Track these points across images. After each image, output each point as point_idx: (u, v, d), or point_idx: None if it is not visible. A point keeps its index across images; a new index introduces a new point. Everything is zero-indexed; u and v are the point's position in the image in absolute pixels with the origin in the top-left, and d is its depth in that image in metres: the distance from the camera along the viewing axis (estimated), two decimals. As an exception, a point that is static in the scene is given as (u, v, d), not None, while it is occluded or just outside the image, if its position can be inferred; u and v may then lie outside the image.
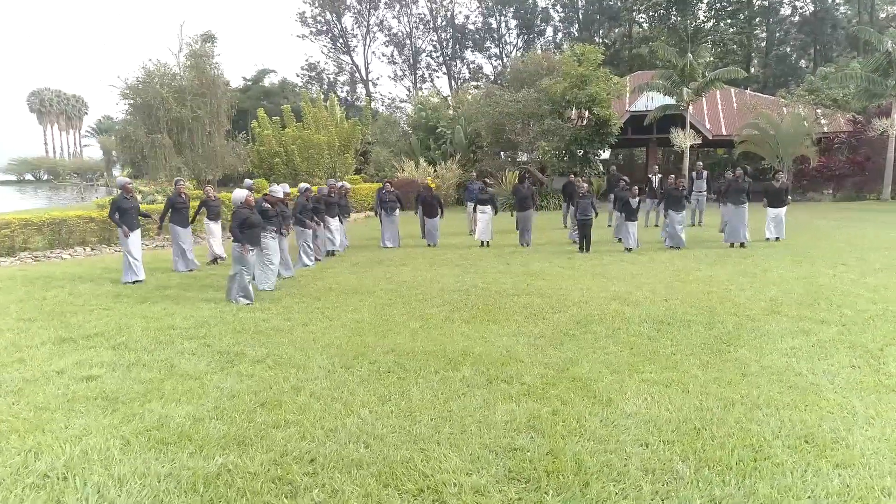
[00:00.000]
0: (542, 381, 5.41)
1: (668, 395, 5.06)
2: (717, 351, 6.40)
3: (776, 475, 3.67)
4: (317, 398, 5.00)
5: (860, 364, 5.92)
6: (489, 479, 3.63)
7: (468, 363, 5.94)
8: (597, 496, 3.46)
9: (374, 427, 4.39)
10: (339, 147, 28.20)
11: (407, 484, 3.56)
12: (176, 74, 21.71)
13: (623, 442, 4.15)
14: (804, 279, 10.15)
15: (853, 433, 4.28)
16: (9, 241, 15.07)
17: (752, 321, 7.59)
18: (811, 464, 3.80)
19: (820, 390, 5.20)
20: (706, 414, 4.64)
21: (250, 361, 6.04)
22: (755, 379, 5.50)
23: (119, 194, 10.82)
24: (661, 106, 29.16)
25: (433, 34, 51.71)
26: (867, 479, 3.62)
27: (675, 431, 4.32)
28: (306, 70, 51.17)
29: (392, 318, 8.01)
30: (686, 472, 3.70)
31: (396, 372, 5.69)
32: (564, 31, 52.08)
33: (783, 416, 4.59)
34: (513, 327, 7.47)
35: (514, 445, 4.09)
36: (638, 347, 6.52)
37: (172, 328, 7.40)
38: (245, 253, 9.00)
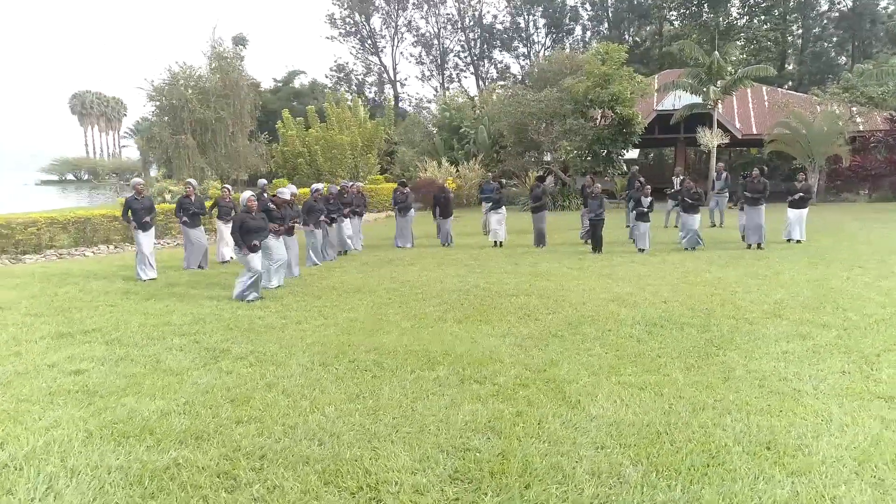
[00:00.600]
0: (516, 382, 5.38)
1: (640, 398, 4.98)
2: (705, 354, 6.28)
3: (725, 481, 3.59)
4: (287, 395, 5.06)
5: (851, 370, 5.75)
6: (432, 479, 3.63)
7: (447, 363, 5.94)
8: (535, 498, 3.43)
9: (334, 425, 4.43)
10: (361, 147, 28.40)
11: (348, 481, 3.59)
12: (201, 76, 22.12)
13: (579, 444, 4.10)
14: (815, 282, 9.89)
15: (820, 440, 4.16)
16: (35, 238, 15.55)
17: (749, 324, 7.43)
18: (765, 471, 3.71)
19: (800, 396, 5.07)
20: (672, 418, 4.56)
21: (233, 358, 6.14)
22: (736, 383, 5.38)
23: (131, 195, 11.10)
24: (688, 105, 28.64)
25: (461, 34, 51.70)
26: (819, 488, 3.51)
27: (635, 435, 4.25)
28: (335, 71, 51.69)
29: (386, 317, 8.05)
30: (633, 477, 3.64)
31: (373, 370, 5.72)
32: (593, 30, 51.55)
33: (752, 421, 4.49)
34: (503, 328, 7.44)
35: (467, 446, 4.08)
36: (624, 349, 6.44)
37: (168, 325, 7.56)
38: (245, 255, 9.14)
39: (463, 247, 15.54)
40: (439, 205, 16.29)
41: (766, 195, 14.21)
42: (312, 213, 12.77)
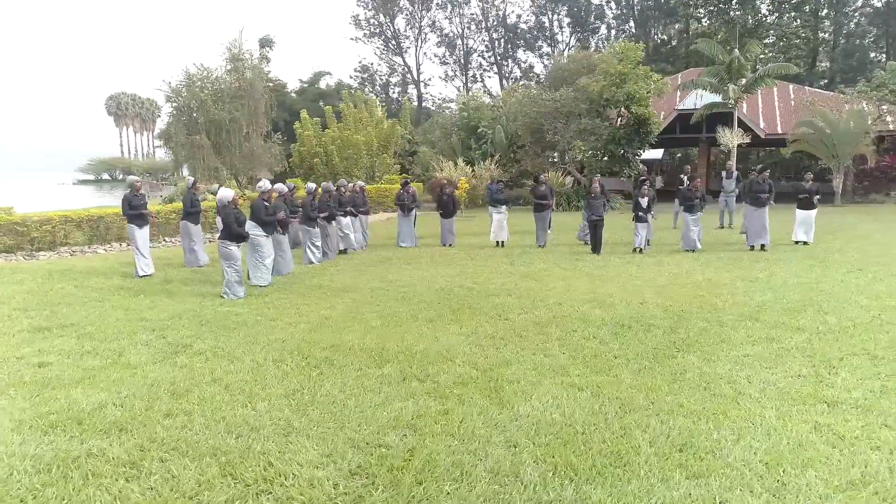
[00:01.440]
0: (457, 380, 5.41)
1: (576, 399, 4.97)
2: (663, 356, 6.21)
3: (621, 482, 3.57)
4: (228, 390, 5.17)
5: (807, 374, 5.64)
6: (332, 473, 3.69)
7: (397, 361, 5.99)
8: (423, 494, 3.46)
9: (260, 419, 4.52)
10: (377, 147, 28.59)
11: (247, 473, 3.67)
12: (218, 77, 22.51)
13: (491, 443, 4.12)
14: (806, 284, 9.68)
15: (739, 444, 4.10)
16: (50, 236, 16.02)
17: (720, 326, 7.32)
18: (666, 472, 3.68)
19: (742, 399, 5.00)
20: (598, 419, 4.54)
21: (192, 353, 6.28)
22: (682, 385, 5.33)
23: (129, 192, 11.39)
24: (708, 104, 28.19)
25: (485, 34, 51.65)
26: (714, 491, 3.47)
27: (553, 434, 4.25)
28: (359, 72, 52.10)
29: (359, 315, 8.13)
30: (530, 476, 3.64)
31: (321, 367, 5.80)
32: (618, 29, 51.00)
33: (676, 423, 4.44)
34: (471, 327, 7.46)
35: (381, 442, 4.13)
36: (581, 350, 6.41)
37: (144, 320, 7.76)
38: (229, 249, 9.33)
39: (465, 247, 15.56)
40: (441, 203, 16.34)
41: (771, 196, 13.93)
42: (310, 212, 12.93)
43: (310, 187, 13.09)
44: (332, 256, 13.61)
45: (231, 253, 9.34)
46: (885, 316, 7.66)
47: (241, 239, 9.49)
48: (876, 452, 4.03)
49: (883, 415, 4.65)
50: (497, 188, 17.93)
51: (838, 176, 27.50)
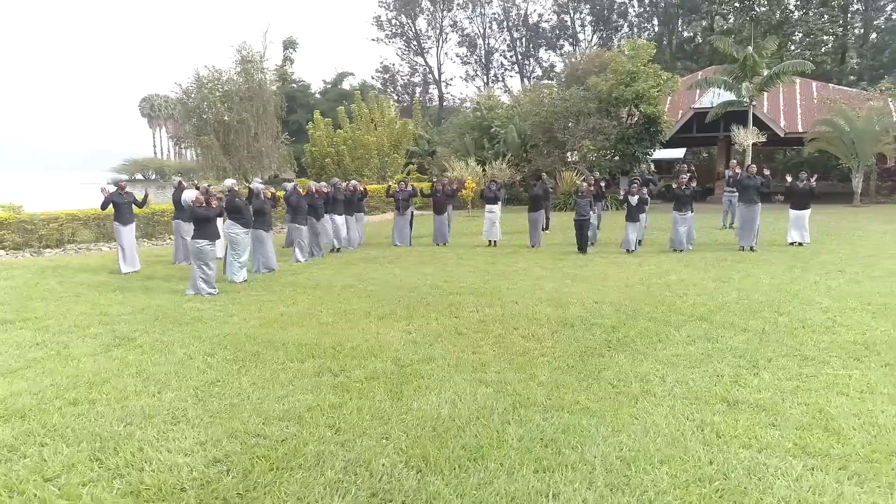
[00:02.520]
0: (370, 375, 5.53)
1: (475, 394, 5.04)
2: (590, 355, 6.23)
3: (466, 474, 3.65)
4: (145, 381, 5.38)
5: (728, 374, 5.61)
6: (195, 460, 3.84)
7: (323, 356, 6.14)
8: (271, 480, 3.59)
9: (158, 409, 4.71)
10: (387, 147, 28.83)
11: (114, 458, 3.84)
12: (229, 79, 22.99)
13: (366, 435, 4.23)
14: (777, 285, 9.55)
15: (608, 440, 4.14)
16: (57, 234, 16.60)
17: (666, 326, 7.30)
18: (516, 466, 3.74)
19: (645, 397, 5.01)
20: (483, 413, 4.62)
21: (132, 346, 6.53)
22: (590, 384, 5.35)
23: (115, 191, 11.77)
24: (723, 102, 27.73)
25: (506, 33, 51.56)
26: (553, 484, 3.53)
27: (430, 428, 4.34)
28: (381, 72, 52.51)
29: (315, 312, 8.30)
30: (380, 467, 3.75)
31: (246, 361, 5.98)
32: (641, 27, 50.37)
33: (560, 419, 4.49)
34: (418, 324, 7.57)
35: (260, 432, 4.27)
36: (511, 348, 6.47)
37: (105, 315, 8.06)
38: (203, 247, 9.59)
39: (457, 246, 15.64)
40: (435, 201, 16.43)
41: (760, 193, 13.68)
42: (297, 210, 13.18)
43: (291, 186, 13.32)
44: (318, 255, 13.80)
45: (202, 251, 9.59)
46: (840, 318, 7.54)
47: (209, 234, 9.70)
48: (745, 451, 4.03)
49: (777, 415, 4.62)
50: (496, 188, 18.02)
51: (858, 175, 26.78)
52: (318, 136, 28.09)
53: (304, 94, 52.64)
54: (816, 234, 15.69)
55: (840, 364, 5.86)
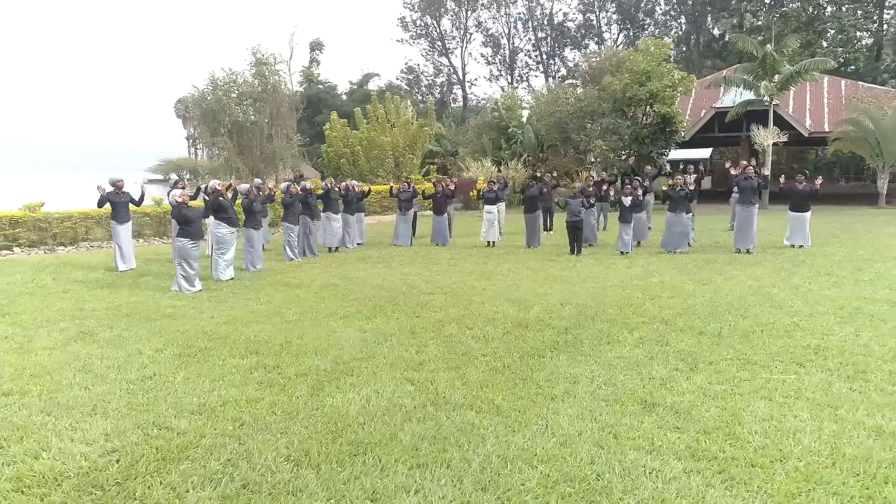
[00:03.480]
0: (302, 372, 5.66)
1: (394, 392, 5.14)
2: (533, 356, 6.25)
3: (342, 469, 3.74)
4: (85, 374, 5.61)
5: (661, 376, 5.59)
6: (93, 450, 4.02)
7: (267, 353, 6.30)
8: (154, 469, 3.74)
9: (84, 400, 4.91)
10: (402, 147, 29.03)
11: (17, 446, 4.04)
12: (245, 81, 23.43)
13: (268, 430, 4.35)
14: (754, 289, 9.41)
15: (497, 440, 4.19)
16: (71, 232, 17.19)
17: (622, 328, 7.27)
18: (392, 465, 3.81)
19: (564, 398, 5.04)
20: (393, 411, 4.71)
21: (90, 341, 6.78)
22: (516, 384, 5.39)
23: (112, 190, 12.16)
24: (743, 101, 27.22)
25: (531, 33, 51.34)
26: (421, 480, 3.61)
27: (331, 424, 4.45)
28: (405, 73, 52.83)
29: (284, 310, 8.47)
30: (263, 460, 3.87)
31: (193, 356, 6.17)
32: (667, 25, 49.65)
33: (466, 419, 4.56)
34: (377, 322, 7.69)
35: (168, 424, 4.43)
36: (455, 348, 6.53)
37: (80, 310, 8.36)
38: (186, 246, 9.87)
39: (456, 246, 15.72)
40: (435, 201, 16.52)
41: (761, 194, 13.45)
42: (289, 209, 13.43)
43: (283, 186, 13.56)
44: (311, 254, 13.99)
45: (183, 249, 9.87)
46: (805, 322, 7.41)
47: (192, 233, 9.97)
48: (634, 452, 4.03)
49: (687, 418, 4.60)
50: (497, 188, 18.06)
51: (883, 176, 26.00)
52: (334, 136, 28.44)
53: (330, 96, 53.35)
54: (825, 237, 15.37)
55: (780, 369, 5.78)
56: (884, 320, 7.45)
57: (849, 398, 4.95)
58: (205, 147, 23.17)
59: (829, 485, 3.57)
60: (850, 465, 3.80)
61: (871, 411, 4.65)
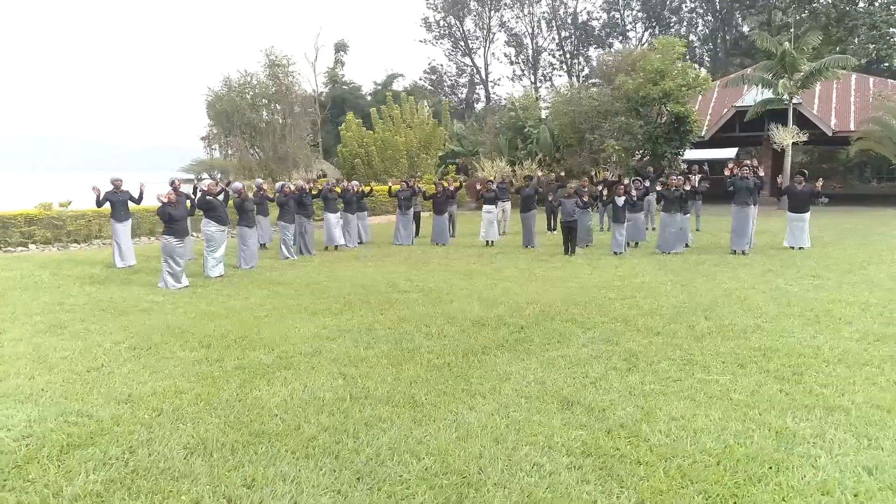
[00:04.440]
0: (242, 365, 5.84)
1: (321, 386, 5.26)
2: (478, 353, 6.31)
3: (227, 460, 3.88)
4: (37, 363, 5.88)
5: (595, 375, 5.60)
6: (9, 435, 4.23)
7: (217, 346, 6.50)
8: (56, 453, 3.94)
9: (22, 389, 5.16)
10: (417, 148, 29.20)
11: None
12: (260, 82, 23.87)
13: (185, 420, 4.52)
14: (731, 290, 9.31)
15: (394, 436, 4.27)
16: (85, 229, 17.76)
17: (578, 327, 7.29)
18: (278, 455, 3.94)
19: (491, 396, 5.09)
20: (312, 403, 4.85)
21: (58, 333, 7.08)
22: (449, 380, 5.46)
23: (111, 189, 12.55)
24: (762, 101, 26.71)
25: (555, 32, 51.08)
26: (284, 469, 3.75)
27: (237, 414, 4.62)
28: (428, 73, 53.05)
29: (257, 307, 8.68)
30: (156, 447, 4.04)
31: (146, 350, 6.40)
32: (693, 23, 48.86)
33: (376, 413, 4.67)
34: (342, 319, 7.83)
35: (91, 413, 4.63)
36: (404, 344, 6.63)
37: (60, 304, 8.70)
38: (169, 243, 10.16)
39: (456, 245, 15.84)
40: (435, 201, 16.62)
41: (757, 194, 13.24)
42: (283, 209, 13.69)
43: (278, 186, 13.82)
44: (307, 253, 14.22)
45: (168, 246, 10.16)
46: (768, 324, 7.32)
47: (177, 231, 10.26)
48: (528, 447, 4.09)
49: (598, 416, 4.63)
50: (502, 188, 18.14)
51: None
52: (349, 136, 28.77)
53: (354, 97, 53.80)
54: (831, 238, 15.07)
55: (720, 370, 5.75)
56: (849, 322, 7.32)
57: (771, 399, 4.91)
58: (219, 147, 23.53)
59: (702, 483, 3.57)
60: (734, 465, 3.79)
61: (784, 412, 4.62)
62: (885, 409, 4.66)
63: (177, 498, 3.40)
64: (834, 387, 5.18)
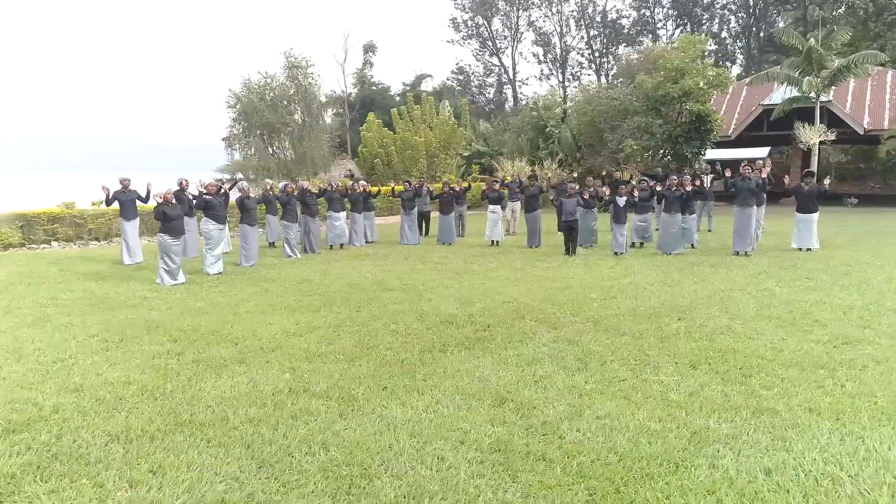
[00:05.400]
0: (199, 359, 6.02)
1: (263, 380, 5.41)
2: (435, 351, 6.37)
3: (141, 446, 4.05)
4: (9, 354, 6.19)
5: (543, 374, 5.63)
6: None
7: (184, 340, 6.71)
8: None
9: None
10: (436, 148, 29.31)
11: None
12: (282, 83, 24.30)
13: (121, 409, 4.71)
14: (716, 291, 9.19)
15: (314, 427, 4.39)
16: (105, 227, 18.37)
17: (547, 326, 7.31)
18: (198, 443, 4.09)
19: (428, 392, 5.16)
20: (249, 394, 4.99)
21: (41, 326, 7.41)
22: (395, 377, 5.54)
23: (119, 188, 12.98)
24: (788, 99, 26.10)
25: (584, 31, 50.63)
26: (193, 457, 3.89)
27: (179, 406, 4.77)
28: (455, 73, 53.14)
29: (240, 303, 8.89)
30: (81, 434, 4.22)
31: (116, 343, 6.66)
32: (725, 19, 47.84)
33: (303, 405, 4.80)
34: (317, 316, 7.98)
35: (35, 401, 4.87)
36: (366, 341, 6.75)
37: (54, 299, 9.08)
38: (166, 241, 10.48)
39: (462, 245, 15.89)
40: (441, 201, 16.71)
41: (758, 195, 12.96)
42: (286, 208, 13.95)
43: (281, 185, 14.09)
44: (311, 251, 14.45)
45: (164, 244, 10.48)
46: (740, 326, 7.21)
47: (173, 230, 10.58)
48: (440, 442, 4.16)
49: (526, 414, 4.66)
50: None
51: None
52: (369, 136, 29.06)
53: (382, 97, 54.20)
54: (845, 239, 14.72)
55: (671, 370, 5.71)
56: (825, 325, 7.18)
57: (707, 400, 4.87)
58: (239, 148, 24.05)
59: (592, 480, 3.60)
60: (633, 464, 3.80)
61: (711, 413, 4.58)
62: (816, 412, 4.59)
63: (81, 482, 3.57)
64: (777, 389, 5.11)
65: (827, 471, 3.66)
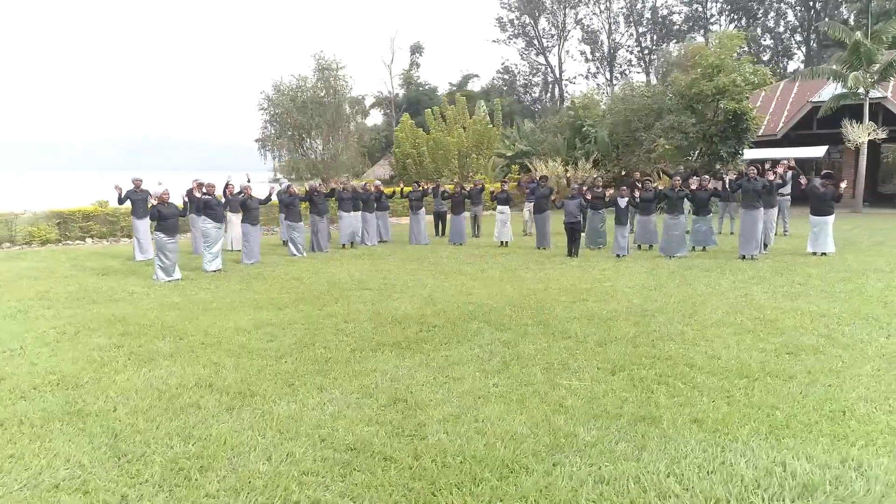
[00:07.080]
0: (138, 353, 6.29)
1: (186, 374, 5.61)
2: (374, 350, 6.42)
3: (30, 431, 4.27)
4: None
5: (469, 376, 5.60)
6: None
7: (148, 334, 7.05)
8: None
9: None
10: (468, 148, 29.31)
11: None
12: (313, 86, 24.85)
13: (25, 398, 4.98)
14: (695, 296, 8.93)
15: (207, 423, 4.53)
16: (118, 226, 19.24)
17: (493, 328, 7.27)
18: (65, 430, 4.29)
19: (326, 389, 5.25)
20: (161, 388, 5.21)
21: (25, 318, 7.89)
22: (326, 374, 5.64)
23: (132, 188, 13.58)
24: (836, 95, 24.86)
25: (633, 28, 49.57)
26: (55, 445, 4.06)
27: (97, 395, 5.02)
28: (501, 73, 52.93)
29: (218, 300, 9.18)
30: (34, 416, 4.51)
31: (76, 335, 7.02)
32: (781, 13, 45.85)
33: (228, 402, 4.95)
34: (280, 314, 8.16)
35: None
36: (307, 339, 6.87)
37: (50, 292, 9.61)
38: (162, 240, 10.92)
39: (469, 245, 15.88)
40: (452, 200, 16.75)
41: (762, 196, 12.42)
42: (290, 208, 14.28)
43: (284, 185, 14.43)
44: (319, 250, 14.73)
45: (160, 243, 10.92)
46: (696, 333, 6.97)
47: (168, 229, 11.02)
48: (303, 439, 4.23)
49: (407, 415, 4.68)
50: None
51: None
52: (402, 137, 29.34)
53: (429, 97, 54.57)
54: (868, 243, 13.99)
55: (587, 376, 5.59)
56: (783, 332, 6.89)
57: (600, 407, 4.76)
58: (272, 149, 24.72)
59: (421, 482, 3.60)
60: (473, 467, 3.77)
61: (592, 420, 4.50)
62: (700, 423, 4.43)
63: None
64: (680, 398, 4.95)
65: (662, 483, 3.54)
